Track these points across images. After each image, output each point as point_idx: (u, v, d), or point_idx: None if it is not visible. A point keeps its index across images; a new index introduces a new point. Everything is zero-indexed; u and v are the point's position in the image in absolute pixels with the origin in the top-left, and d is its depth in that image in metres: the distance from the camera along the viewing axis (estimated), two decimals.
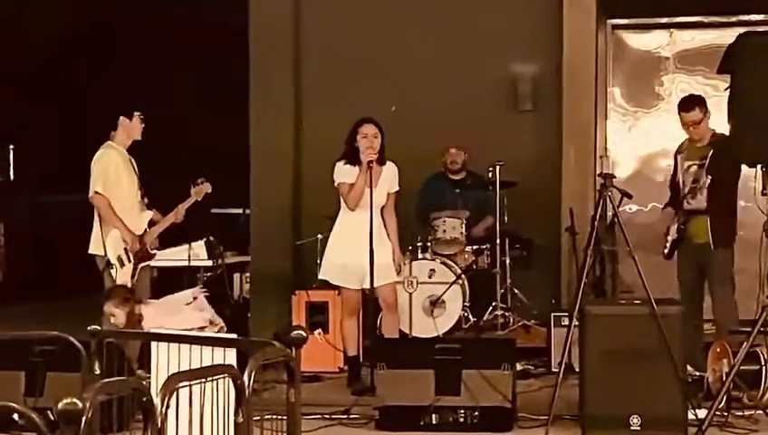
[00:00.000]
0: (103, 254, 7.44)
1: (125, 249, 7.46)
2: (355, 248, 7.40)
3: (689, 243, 7.49)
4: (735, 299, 7.45)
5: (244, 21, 10.48)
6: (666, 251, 7.63)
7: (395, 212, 7.78)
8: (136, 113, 7.67)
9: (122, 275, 7.44)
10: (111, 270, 7.42)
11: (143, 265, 7.60)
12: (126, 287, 7.35)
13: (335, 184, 7.66)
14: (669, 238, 7.61)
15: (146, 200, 7.75)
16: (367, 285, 7.42)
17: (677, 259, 7.60)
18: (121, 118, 7.65)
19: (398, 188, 7.75)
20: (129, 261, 7.48)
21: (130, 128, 7.66)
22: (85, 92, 15.74)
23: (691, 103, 7.54)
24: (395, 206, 7.79)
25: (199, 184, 7.89)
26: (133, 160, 7.76)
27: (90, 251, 7.59)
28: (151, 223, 7.71)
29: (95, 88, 15.71)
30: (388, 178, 7.67)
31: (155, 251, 7.76)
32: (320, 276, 7.84)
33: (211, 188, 7.92)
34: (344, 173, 7.59)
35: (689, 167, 7.54)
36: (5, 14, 14.15)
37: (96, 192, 7.46)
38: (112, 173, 7.50)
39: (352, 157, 7.57)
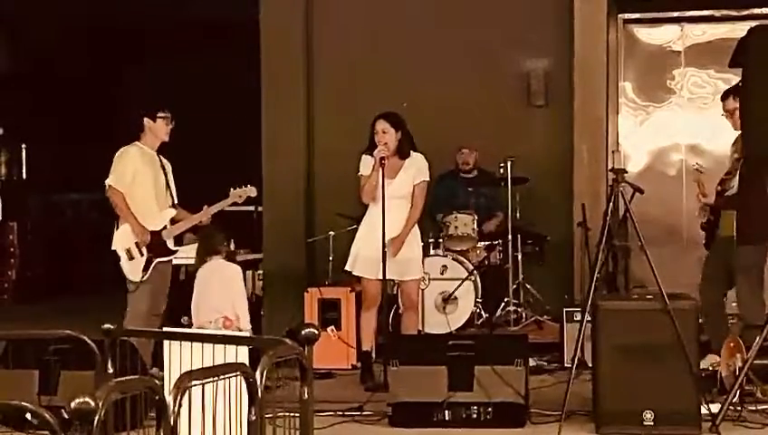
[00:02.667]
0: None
1: (136, 243, 7.48)
2: (376, 241, 7.38)
3: (719, 235, 7.46)
4: (763, 296, 7.39)
5: (256, 21, 10.49)
6: (704, 242, 7.61)
7: (421, 204, 7.74)
8: (159, 115, 7.66)
9: (132, 268, 7.46)
10: (120, 262, 7.45)
11: (160, 260, 7.60)
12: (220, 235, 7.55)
13: (358, 175, 7.66)
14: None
15: (174, 199, 7.75)
16: (387, 276, 7.41)
17: (711, 251, 7.57)
18: (145, 120, 7.65)
19: (425, 179, 7.69)
20: (142, 255, 7.49)
21: (155, 129, 7.66)
22: (98, 92, 15.79)
23: (726, 93, 7.50)
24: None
25: (242, 187, 7.83)
26: (164, 160, 7.75)
27: (112, 247, 7.61)
28: (174, 221, 7.71)
29: (108, 88, 15.76)
30: (411, 169, 7.64)
31: (176, 248, 7.78)
32: (349, 269, 7.81)
33: (256, 192, 7.92)
34: (364, 164, 7.60)
35: (732, 158, 7.51)
36: (21, 14, 14.20)
37: (109, 185, 7.50)
38: (129, 170, 7.52)
39: (371, 149, 7.59)
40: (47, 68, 15.37)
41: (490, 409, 6.39)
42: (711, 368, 6.86)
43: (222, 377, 3.56)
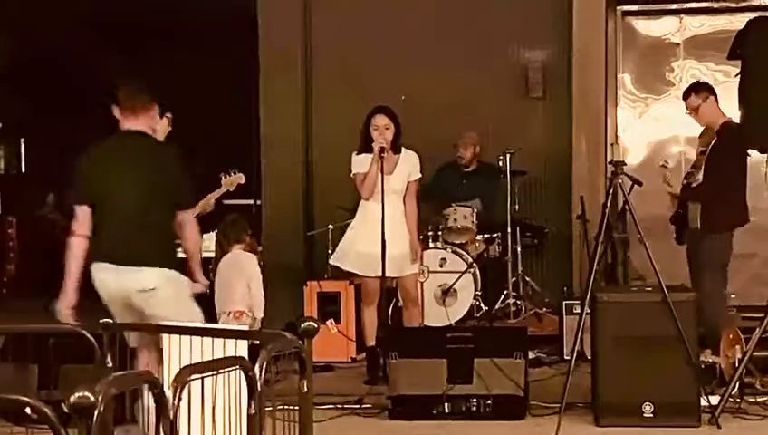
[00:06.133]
0: None
1: None
2: (373, 237, 7.36)
3: (689, 228, 7.46)
4: (725, 290, 7.37)
5: (254, 14, 10.48)
6: (675, 236, 7.60)
7: (416, 200, 7.74)
8: (167, 114, 7.65)
9: None
10: None
11: None
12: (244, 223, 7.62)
13: (351, 175, 7.63)
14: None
15: None
16: (387, 274, 7.39)
17: (686, 244, 7.57)
18: None
19: (419, 176, 7.69)
20: None
21: (158, 127, 7.65)
22: (98, 87, 15.74)
23: (687, 91, 7.52)
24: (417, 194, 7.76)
25: (231, 175, 7.86)
26: None
27: None
28: None
29: (108, 83, 15.71)
30: (406, 166, 7.61)
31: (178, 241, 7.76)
32: (336, 263, 7.80)
33: (244, 179, 7.91)
34: (358, 163, 7.58)
35: (698, 152, 7.52)
36: (21, 9, 14.18)
37: None
38: None
39: (366, 147, 7.55)
40: (46, 62, 15.35)
41: (489, 401, 6.39)
42: (705, 362, 6.84)
43: (221, 371, 3.56)
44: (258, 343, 4.28)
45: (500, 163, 9.54)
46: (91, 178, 5.68)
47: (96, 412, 2.67)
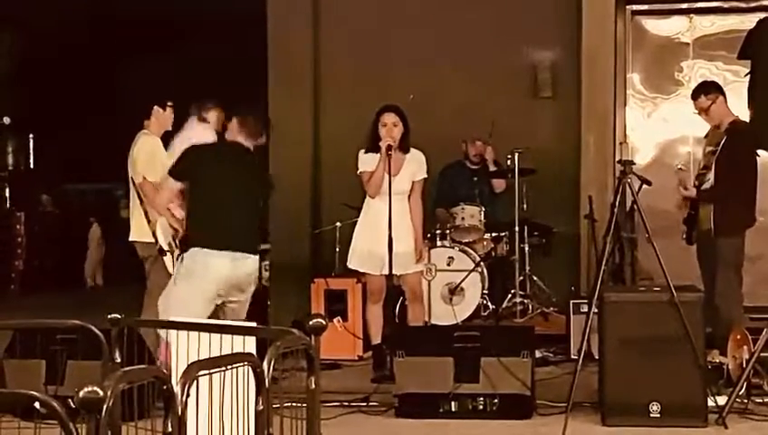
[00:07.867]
0: (152, 241, 7.31)
1: (173, 236, 7.41)
2: (378, 235, 7.37)
3: (699, 229, 7.43)
4: (741, 291, 7.34)
5: (263, 9, 10.49)
6: (684, 236, 7.58)
7: (421, 200, 7.74)
8: (168, 103, 7.64)
9: (173, 262, 7.37)
10: (165, 257, 7.33)
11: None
12: None
13: (358, 173, 7.64)
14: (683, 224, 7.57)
15: None
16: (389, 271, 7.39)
17: (696, 245, 7.55)
18: (155, 108, 7.61)
19: (424, 176, 7.68)
20: (176, 247, 7.43)
21: (163, 118, 7.64)
22: (105, 83, 15.79)
23: (697, 91, 7.48)
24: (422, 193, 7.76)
25: None
26: None
27: (131, 238, 7.49)
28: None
29: (115, 78, 15.75)
30: (412, 165, 7.61)
31: None
32: (349, 265, 7.82)
33: None
34: (365, 161, 7.58)
35: (707, 152, 7.49)
36: (28, 6, 14.21)
37: (144, 178, 7.39)
38: (157, 160, 7.46)
39: (374, 145, 7.55)
40: (56, 60, 15.38)
41: (496, 400, 6.40)
42: (713, 362, 6.82)
43: (229, 367, 3.56)
44: (266, 339, 4.28)
45: (508, 162, 9.55)
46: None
47: (104, 407, 2.67)
